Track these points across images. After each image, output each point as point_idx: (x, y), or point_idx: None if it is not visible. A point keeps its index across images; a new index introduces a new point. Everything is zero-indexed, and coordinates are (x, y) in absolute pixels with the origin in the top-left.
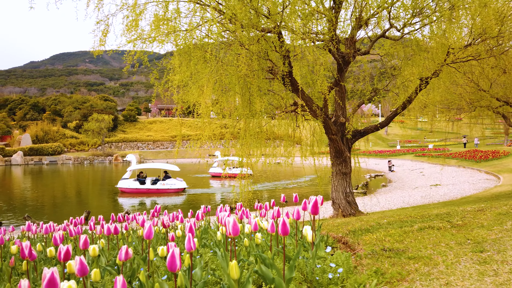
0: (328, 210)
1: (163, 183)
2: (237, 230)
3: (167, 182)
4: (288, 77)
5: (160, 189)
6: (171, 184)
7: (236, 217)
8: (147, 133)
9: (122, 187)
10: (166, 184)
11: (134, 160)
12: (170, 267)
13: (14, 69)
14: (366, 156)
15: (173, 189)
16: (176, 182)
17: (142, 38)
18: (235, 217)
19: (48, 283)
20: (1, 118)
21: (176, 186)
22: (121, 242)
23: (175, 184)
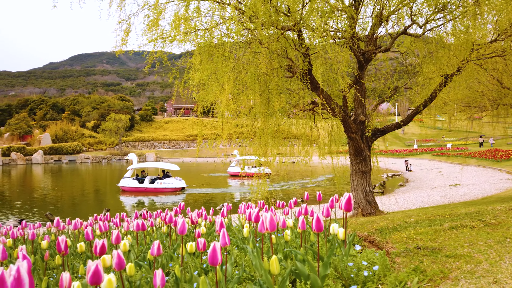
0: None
1: (160, 182)
2: (274, 225)
3: (164, 182)
4: (308, 75)
5: (158, 188)
6: (169, 183)
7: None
8: (163, 133)
9: (122, 186)
10: (163, 184)
11: (135, 159)
12: (211, 261)
13: (34, 70)
14: (382, 156)
15: (170, 188)
16: (173, 181)
17: (162, 37)
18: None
19: (93, 275)
20: (22, 118)
21: (174, 185)
22: (148, 238)
23: (172, 183)
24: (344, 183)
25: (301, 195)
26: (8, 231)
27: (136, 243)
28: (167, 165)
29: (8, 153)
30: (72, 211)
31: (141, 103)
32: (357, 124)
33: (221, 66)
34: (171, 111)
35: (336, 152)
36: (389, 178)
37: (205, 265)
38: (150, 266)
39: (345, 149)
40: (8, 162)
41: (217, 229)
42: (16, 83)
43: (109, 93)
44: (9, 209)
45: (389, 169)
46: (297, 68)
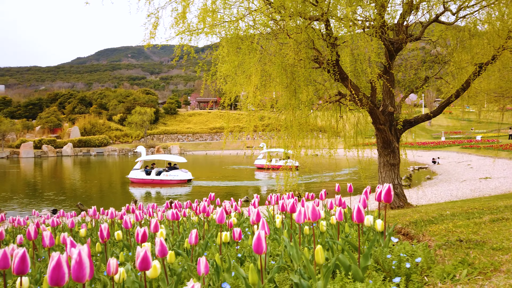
0: (372, 202)
1: (166, 174)
2: (317, 215)
3: (170, 174)
4: (335, 66)
5: (164, 180)
6: (174, 175)
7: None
8: (186, 126)
9: (131, 178)
10: (169, 175)
11: (144, 152)
12: (256, 249)
13: (62, 65)
14: (408, 148)
15: (176, 180)
16: (179, 173)
17: (189, 30)
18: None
19: (142, 261)
20: (52, 111)
21: (179, 177)
22: (181, 227)
23: (178, 175)
24: (370, 176)
25: (327, 188)
26: (46, 220)
27: (171, 233)
28: (174, 158)
29: (40, 145)
30: (101, 202)
31: (165, 96)
32: (385, 116)
33: (248, 57)
34: (194, 104)
35: (362, 144)
36: (416, 171)
37: (240, 255)
38: (188, 255)
39: (371, 141)
40: (40, 154)
41: (253, 218)
42: (46, 78)
43: (134, 87)
44: (42, 199)
45: (415, 161)
46: (323, 59)
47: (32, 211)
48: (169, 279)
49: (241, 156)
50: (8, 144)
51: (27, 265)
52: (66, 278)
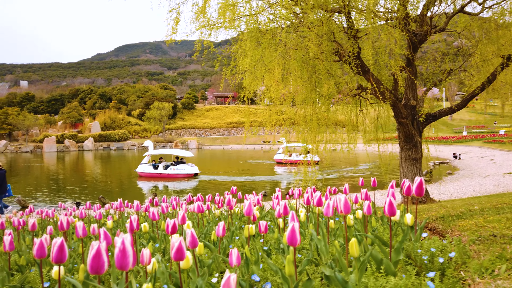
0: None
1: (173, 169)
2: (349, 208)
3: (177, 168)
4: (356, 58)
5: (171, 174)
6: (181, 169)
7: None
8: (204, 120)
9: (139, 172)
10: (176, 170)
11: (151, 146)
12: (290, 241)
13: (83, 61)
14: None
15: (183, 174)
16: (186, 167)
17: (209, 24)
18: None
19: (177, 251)
20: (74, 107)
21: (186, 171)
22: (205, 220)
23: (184, 169)
24: (390, 171)
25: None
26: (72, 212)
27: (196, 225)
28: (181, 152)
29: (62, 140)
30: (120, 195)
31: (182, 91)
32: (407, 109)
33: (268, 51)
34: (211, 99)
35: (382, 138)
36: (436, 166)
37: (266, 248)
38: (215, 246)
39: (391, 135)
40: (62, 148)
41: (279, 211)
42: (67, 74)
43: (152, 82)
44: (65, 192)
45: (435, 156)
46: (344, 52)
47: (58, 204)
48: (199, 271)
49: (258, 150)
50: (32, 139)
51: (65, 254)
52: (106, 267)
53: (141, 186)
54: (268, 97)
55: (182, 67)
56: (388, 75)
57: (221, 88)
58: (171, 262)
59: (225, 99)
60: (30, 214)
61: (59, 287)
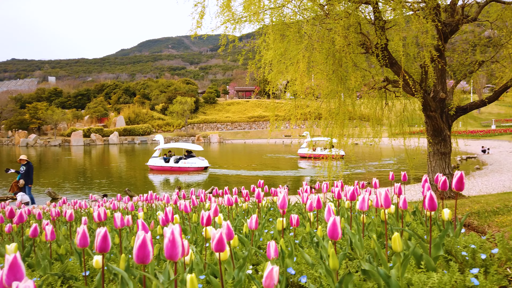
0: (419, 192)
1: (184, 162)
2: (389, 202)
3: (188, 161)
4: (384, 50)
5: (182, 167)
6: (192, 162)
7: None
8: (225, 115)
9: (151, 165)
10: (187, 163)
11: (162, 140)
12: (331, 235)
13: (107, 57)
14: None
15: (194, 167)
16: (197, 161)
17: (233, 18)
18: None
19: (217, 243)
20: (99, 102)
21: (197, 164)
22: (233, 213)
23: (195, 163)
24: (415, 165)
25: (373, 177)
26: (104, 203)
27: (227, 218)
28: (190, 146)
29: (88, 134)
30: (145, 187)
31: (204, 86)
32: (436, 102)
33: (293, 44)
34: (233, 93)
35: (408, 132)
36: (464, 161)
37: (298, 241)
38: (248, 239)
39: (416, 129)
40: (89, 142)
41: (310, 205)
42: (93, 69)
43: (174, 77)
44: (92, 185)
45: (463, 151)
46: (371, 44)
47: (89, 196)
48: (234, 263)
49: (279, 144)
50: (60, 133)
51: (109, 243)
52: (151, 257)
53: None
54: (292, 90)
55: (203, 61)
56: (416, 68)
57: (247, 81)
58: (205, 253)
59: (246, 93)
60: (62, 206)
61: (103, 275)
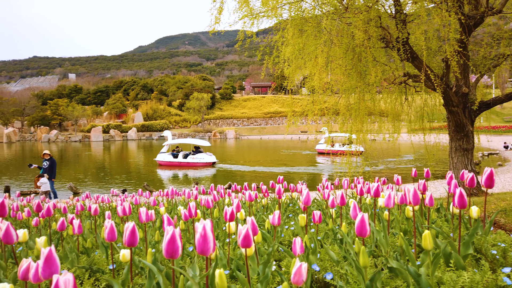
0: (439, 189)
1: (193, 157)
2: (418, 199)
3: (196, 156)
4: (405, 44)
5: (190, 163)
6: (200, 158)
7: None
8: (241, 110)
9: (159, 160)
10: (195, 158)
11: (170, 136)
12: (359, 232)
13: (125, 53)
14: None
15: (202, 163)
16: (205, 156)
17: (251, 14)
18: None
19: (244, 238)
20: (118, 98)
21: (205, 160)
22: (253, 208)
23: (203, 158)
24: (435, 162)
25: (394, 173)
26: (126, 198)
27: (248, 213)
28: (198, 141)
29: (108, 130)
30: (163, 183)
31: (220, 82)
32: (458, 97)
33: (312, 39)
34: (249, 89)
35: (429, 128)
36: (485, 157)
37: (320, 237)
38: (270, 235)
39: (436, 125)
40: (108, 138)
41: (332, 201)
42: (111, 66)
43: (191, 73)
44: (111, 180)
45: (484, 147)
46: (391, 38)
47: (110, 190)
48: (259, 259)
49: (295, 140)
50: (80, 129)
51: (137, 237)
52: (180, 251)
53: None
54: (309, 86)
55: (220, 57)
56: (437, 62)
57: (262, 76)
58: (228, 249)
59: (262, 89)
60: (85, 200)
61: (131, 269)
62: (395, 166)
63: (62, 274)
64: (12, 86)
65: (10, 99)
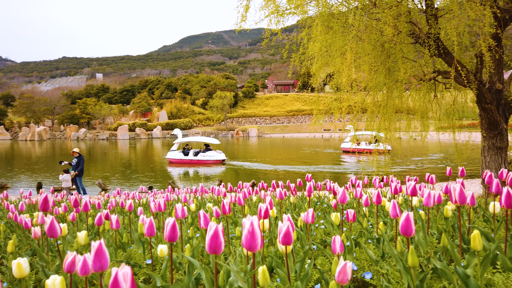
0: (469, 188)
1: (203, 155)
2: (464, 198)
3: (207, 154)
4: (436, 40)
5: (201, 160)
6: (210, 155)
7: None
8: (264, 109)
9: (170, 158)
10: (206, 156)
11: (180, 134)
12: (404, 231)
13: (150, 53)
14: (510, 131)
15: (212, 160)
16: (215, 154)
17: (277, 11)
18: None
19: (285, 235)
20: (143, 97)
21: (215, 157)
22: (283, 207)
23: (213, 156)
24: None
25: (423, 172)
26: (156, 195)
27: (279, 211)
28: (208, 139)
29: (133, 128)
30: (187, 181)
31: (243, 80)
32: (492, 94)
33: (340, 35)
34: (271, 88)
35: (459, 126)
36: None
37: (353, 237)
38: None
39: (465, 123)
40: (134, 136)
41: (366, 200)
42: (137, 66)
43: (214, 72)
44: (137, 177)
45: None
46: (421, 33)
47: (139, 187)
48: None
49: (318, 139)
50: (107, 127)
51: (177, 233)
52: (223, 247)
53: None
54: (335, 83)
55: (242, 56)
56: (470, 57)
57: (290, 74)
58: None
59: (285, 87)
60: (116, 196)
61: (171, 264)
62: (422, 165)
63: (121, 267)
64: (43, 86)
65: (41, 99)
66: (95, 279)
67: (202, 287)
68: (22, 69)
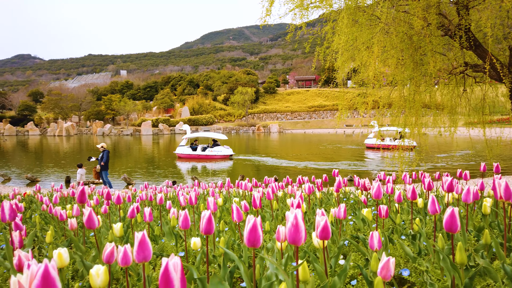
0: (501, 185)
1: (211, 150)
2: (510, 194)
3: (214, 149)
4: (468, 32)
5: (209, 155)
6: (218, 151)
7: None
8: (285, 104)
9: (178, 153)
10: (213, 151)
11: (189, 130)
12: (449, 227)
13: (173, 50)
14: None
15: (220, 155)
16: (222, 149)
17: (302, 5)
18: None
19: (322, 230)
20: (166, 93)
21: (222, 152)
22: (311, 202)
23: (221, 151)
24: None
25: (453, 168)
26: (182, 189)
27: (308, 206)
28: (216, 135)
29: (157, 124)
30: (209, 175)
31: (264, 76)
32: None
33: (366, 28)
34: (292, 83)
35: (489, 121)
36: None
37: (386, 233)
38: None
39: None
40: (157, 132)
41: (399, 196)
42: (160, 63)
43: (235, 68)
44: (161, 171)
45: None
46: (451, 25)
47: (165, 181)
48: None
49: (340, 134)
50: (131, 123)
51: (213, 226)
52: (261, 241)
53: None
54: (359, 78)
55: (263, 51)
56: (503, 49)
57: (313, 68)
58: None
59: (306, 82)
60: (143, 190)
61: (207, 256)
62: (451, 161)
63: (170, 257)
64: (70, 82)
65: (69, 95)
66: (130, 270)
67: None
68: (50, 67)
